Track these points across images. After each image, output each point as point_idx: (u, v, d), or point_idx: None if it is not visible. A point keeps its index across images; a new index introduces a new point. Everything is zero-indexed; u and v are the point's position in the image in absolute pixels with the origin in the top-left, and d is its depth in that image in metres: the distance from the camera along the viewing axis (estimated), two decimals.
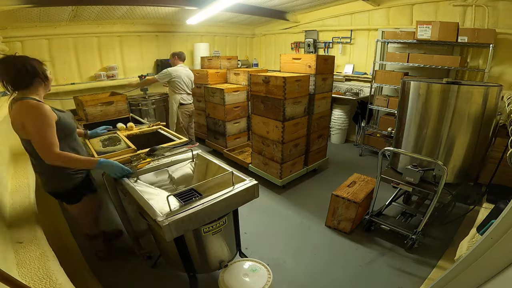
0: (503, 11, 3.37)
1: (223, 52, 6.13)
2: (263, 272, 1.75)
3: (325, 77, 3.46)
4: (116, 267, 2.18)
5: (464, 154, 2.28)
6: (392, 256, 2.33)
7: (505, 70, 3.49)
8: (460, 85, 2.12)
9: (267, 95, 3.14)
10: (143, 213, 1.50)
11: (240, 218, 1.96)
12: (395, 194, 2.85)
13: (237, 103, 4.21)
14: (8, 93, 1.57)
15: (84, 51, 4.36)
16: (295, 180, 3.57)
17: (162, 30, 5.17)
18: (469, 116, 2.16)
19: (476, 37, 3.28)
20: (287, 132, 3.15)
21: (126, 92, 4.11)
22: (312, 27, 5.42)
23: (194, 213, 1.44)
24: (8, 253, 1.39)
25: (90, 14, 3.99)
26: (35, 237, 1.56)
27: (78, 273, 1.84)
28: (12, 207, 1.83)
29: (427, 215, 2.23)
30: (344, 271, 2.19)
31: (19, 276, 1.27)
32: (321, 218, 2.81)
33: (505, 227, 0.97)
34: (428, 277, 2.07)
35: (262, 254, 2.33)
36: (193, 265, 1.75)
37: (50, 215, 2.36)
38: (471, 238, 1.70)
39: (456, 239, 2.42)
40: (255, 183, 1.72)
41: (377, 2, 4.37)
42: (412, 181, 2.27)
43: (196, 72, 4.74)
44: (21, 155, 2.64)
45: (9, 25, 3.65)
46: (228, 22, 5.80)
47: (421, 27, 3.57)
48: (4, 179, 2.09)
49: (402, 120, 2.50)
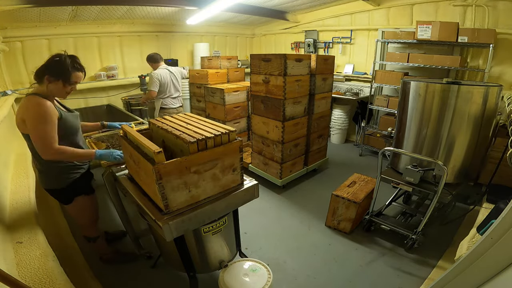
0: (503, 11, 3.37)
1: (223, 52, 6.13)
2: (263, 272, 1.75)
3: (325, 77, 3.46)
4: (116, 267, 2.18)
5: (464, 154, 2.28)
6: (392, 256, 2.33)
7: (505, 70, 3.50)
8: (460, 85, 2.12)
9: (267, 95, 3.14)
10: (143, 213, 1.50)
11: (240, 218, 1.96)
12: (395, 194, 2.85)
13: (237, 103, 4.21)
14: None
15: (84, 51, 4.37)
16: (295, 180, 3.57)
17: (162, 30, 5.18)
18: (469, 116, 2.16)
19: (476, 37, 3.28)
20: (287, 132, 3.15)
21: (126, 91, 4.12)
22: (312, 27, 5.42)
23: (194, 213, 1.44)
24: (8, 253, 1.39)
25: (90, 14, 3.99)
26: (35, 237, 1.56)
27: (78, 273, 1.84)
28: (12, 207, 1.83)
29: (427, 215, 2.23)
30: (344, 271, 2.19)
31: (19, 276, 1.28)
32: (321, 218, 2.81)
33: (505, 227, 0.97)
34: (428, 277, 2.07)
35: (262, 254, 2.33)
36: (193, 265, 1.75)
37: (50, 215, 2.36)
38: (471, 238, 1.70)
39: (456, 239, 2.42)
40: (255, 183, 1.72)
41: (377, 2, 4.37)
42: (412, 181, 2.27)
43: (196, 72, 4.75)
44: (21, 155, 2.64)
45: (9, 25, 3.65)
46: (228, 22, 5.80)
47: (421, 27, 3.57)
48: (4, 179, 2.09)
49: (402, 120, 2.50)
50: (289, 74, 2.91)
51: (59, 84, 1.59)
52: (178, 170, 1.34)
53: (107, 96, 4.73)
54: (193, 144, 1.38)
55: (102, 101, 4.67)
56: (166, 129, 1.56)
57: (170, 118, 1.81)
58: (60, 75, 1.57)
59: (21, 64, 3.85)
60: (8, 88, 3.53)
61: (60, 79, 1.58)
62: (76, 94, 4.12)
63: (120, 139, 1.71)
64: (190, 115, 1.86)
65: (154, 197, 1.44)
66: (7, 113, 2.64)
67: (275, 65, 2.92)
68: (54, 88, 1.59)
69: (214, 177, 1.52)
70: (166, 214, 1.38)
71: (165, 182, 1.31)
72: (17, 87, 3.76)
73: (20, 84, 3.84)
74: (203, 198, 1.51)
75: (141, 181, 1.57)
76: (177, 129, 1.54)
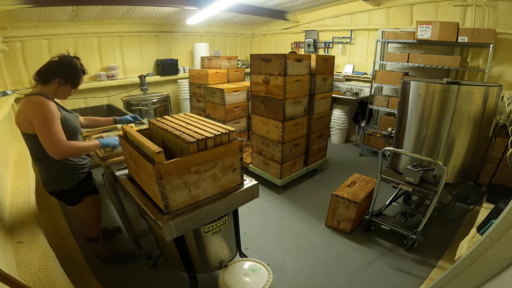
0: (503, 11, 3.37)
1: (223, 52, 6.13)
2: (263, 272, 1.75)
3: (325, 77, 3.46)
4: (116, 267, 2.18)
5: (464, 154, 2.28)
6: (392, 256, 2.33)
7: (505, 70, 3.49)
8: (460, 85, 2.12)
9: (267, 95, 3.14)
10: (143, 213, 1.50)
11: (240, 218, 1.96)
12: (395, 194, 2.85)
13: (237, 103, 4.21)
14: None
15: (84, 51, 4.36)
16: (295, 180, 3.57)
17: (162, 30, 5.17)
18: (469, 116, 2.16)
19: (476, 37, 3.28)
20: (287, 132, 3.15)
21: (126, 91, 4.10)
22: (312, 27, 5.42)
23: (194, 213, 1.44)
24: (8, 253, 1.39)
25: (90, 14, 3.99)
26: (35, 237, 1.56)
27: (78, 273, 1.84)
28: (12, 207, 1.83)
29: (427, 215, 2.23)
30: (344, 271, 2.19)
31: (19, 276, 1.27)
32: (321, 218, 2.81)
33: (505, 227, 0.97)
34: (428, 277, 2.07)
35: (262, 254, 2.33)
36: (193, 265, 1.75)
37: (50, 215, 2.36)
38: (471, 238, 1.70)
39: (456, 239, 2.42)
40: (255, 183, 1.72)
41: (377, 2, 4.37)
42: (412, 181, 2.27)
43: (196, 72, 4.75)
44: (21, 155, 2.64)
45: (9, 25, 3.65)
46: (228, 22, 5.80)
47: (421, 27, 3.57)
48: (4, 179, 2.09)
49: (402, 120, 2.50)
50: (289, 74, 2.91)
51: (68, 87, 1.64)
52: (178, 170, 1.34)
53: (107, 96, 4.73)
54: (193, 144, 1.38)
55: (102, 101, 4.67)
56: (166, 129, 1.56)
57: (170, 118, 1.81)
58: (71, 79, 1.62)
59: (21, 64, 3.84)
60: (8, 88, 3.52)
61: (70, 83, 1.63)
62: (76, 94, 4.07)
63: (120, 139, 1.71)
64: (190, 115, 1.86)
65: (154, 197, 1.44)
66: (7, 113, 2.63)
67: (275, 65, 2.92)
68: (63, 91, 1.64)
69: (214, 177, 1.52)
70: (166, 214, 1.38)
71: (165, 182, 1.31)
72: (17, 87, 3.75)
73: (20, 84, 3.84)
74: (203, 198, 1.51)
75: (141, 181, 1.57)
76: (177, 129, 1.54)
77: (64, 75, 1.59)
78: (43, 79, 1.60)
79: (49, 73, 1.59)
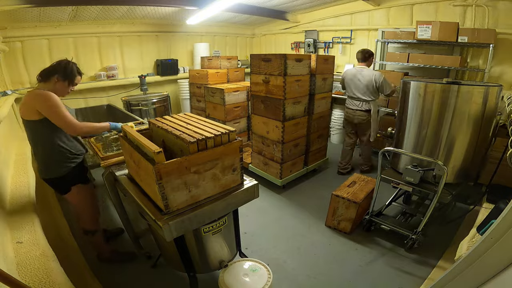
0: (503, 11, 3.37)
1: (223, 52, 6.13)
2: (263, 272, 1.75)
3: (325, 77, 3.46)
4: (116, 267, 2.18)
5: (464, 154, 2.28)
6: (392, 256, 2.33)
7: (505, 70, 3.49)
8: (460, 85, 2.12)
9: (267, 95, 3.14)
10: (143, 213, 1.50)
11: (240, 218, 1.96)
12: (395, 194, 2.85)
13: (237, 103, 4.21)
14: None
15: (84, 51, 4.36)
16: (295, 180, 3.57)
17: (162, 30, 5.17)
18: (469, 116, 2.15)
19: (476, 37, 3.28)
20: (287, 132, 3.15)
21: (126, 91, 4.10)
22: (312, 27, 5.42)
23: (194, 213, 1.44)
24: (8, 253, 1.39)
25: (90, 14, 3.99)
26: (35, 237, 1.56)
27: (78, 273, 1.83)
28: (12, 207, 1.83)
29: (427, 215, 2.23)
30: (344, 271, 2.19)
31: (19, 276, 1.27)
32: (321, 218, 2.81)
33: (505, 227, 0.97)
34: (428, 277, 2.07)
35: (262, 254, 2.33)
36: (193, 265, 1.75)
37: (50, 215, 2.36)
38: (471, 238, 1.70)
39: (456, 239, 2.41)
40: (255, 183, 1.72)
41: (377, 2, 4.37)
42: (412, 181, 2.27)
43: (196, 72, 4.75)
44: (21, 155, 2.64)
45: (9, 25, 3.65)
46: (228, 22, 5.80)
47: (421, 27, 3.57)
48: (4, 179, 2.09)
49: (402, 120, 2.50)
50: (289, 74, 2.91)
51: (65, 84, 1.85)
52: (178, 170, 1.34)
53: (107, 96, 4.73)
54: (193, 144, 1.38)
55: (102, 101, 4.66)
56: (166, 129, 1.56)
57: (170, 118, 1.81)
58: (67, 77, 1.84)
59: (21, 64, 3.84)
60: (8, 88, 3.53)
61: (66, 80, 1.85)
62: (76, 94, 4.11)
63: (120, 139, 1.71)
64: (190, 115, 1.86)
65: (154, 197, 1.44)
66: (7, 113, 2.63)
67: (275, 65, 2.92)
68: (60, 87, 1.84)
69: (214, 177, 1.52)
70: (166, 214, 1.38)
71: (165, 182, 1.31)
72: (17, 87, 3.75)
73: (20, 84, 3.83)
74: (203, 198, 1.51)
75: (141, 181, 1.57)
76: (177, 129, 1.54)
77: (61, 73, 1.81)
78: (44, 78, 1.81)
79: (49, 72, 1.81)
